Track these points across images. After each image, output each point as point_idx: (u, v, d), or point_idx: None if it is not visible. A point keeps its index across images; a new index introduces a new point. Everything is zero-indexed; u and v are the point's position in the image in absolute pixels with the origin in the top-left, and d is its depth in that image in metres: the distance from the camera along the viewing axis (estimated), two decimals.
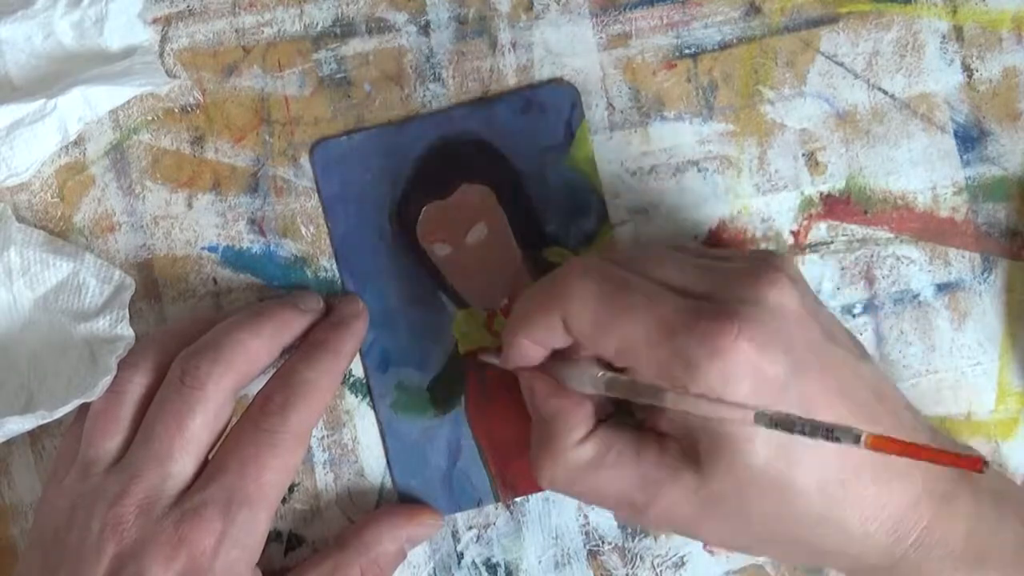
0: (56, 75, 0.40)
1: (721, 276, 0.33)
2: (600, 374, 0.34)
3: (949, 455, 0.27)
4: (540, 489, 0.40)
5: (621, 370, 0.33)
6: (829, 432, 0.29)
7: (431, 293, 0.40)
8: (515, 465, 0.40)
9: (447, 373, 0.40)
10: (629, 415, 0.36)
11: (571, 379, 0.34)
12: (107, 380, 0.37)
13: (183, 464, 0.35)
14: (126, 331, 0.38)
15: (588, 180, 0.40)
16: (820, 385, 0.32)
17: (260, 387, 0.37)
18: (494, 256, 0.40)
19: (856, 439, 0.28)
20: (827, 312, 0.34)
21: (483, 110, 0.40)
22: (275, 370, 0.37)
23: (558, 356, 0.35)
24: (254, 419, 0.35)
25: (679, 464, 0.33)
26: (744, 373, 0.31)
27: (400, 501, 0.40)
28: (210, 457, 0.36)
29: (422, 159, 0.40)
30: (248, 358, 0.36)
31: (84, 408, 0.37)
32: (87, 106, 0.39)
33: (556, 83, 0.40)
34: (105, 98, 0.40)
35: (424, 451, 0.40)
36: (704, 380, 0.31)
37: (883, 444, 0.28)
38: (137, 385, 0.36)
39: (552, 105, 0.40)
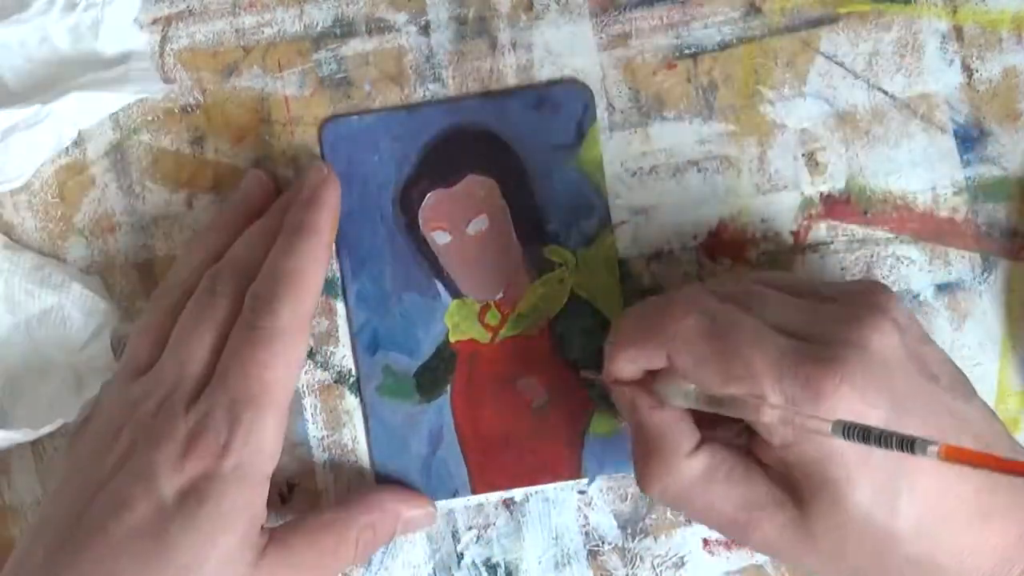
0: (51, 80, 0.40)
1: (825, 318, 0.33)
2: (694, 388, 0.34)
3: (1020, 464, 0.28)
4: (515, 486, 0.40)
5: None
6: (904, 443, 0.29)
7: (427, 280, 0.40)
8: (494, 459, 0.40)
9: (435, 361, 0.40)
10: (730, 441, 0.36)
11: (670, 395, 0.35)
12: (91, 398, 0.38)
13: (206, 364, 0.35)
14: (109, 365, 0.39)
15: (593, 182, 0.40)
16: (920, 430, 0.31)
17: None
18: (493, 249, 0.40)
19: (929, 449, 0.28)
20: (933, 351, 0.34)
21: (496, 103, 0.40)
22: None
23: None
24: (247, 320, 0.35)
25: (783, 496, 0.33)
26: (845, 417, 0.31)
27: (378, 483, 0.40)
28: None
29: (431, 146, 0.40)
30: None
31: None
32: (82, 112, 0.39)
33: (571, 83, 0.40)
34: (100, 104, 0.40)
35: (405, 436, 0.40)
36: (810, 429, 0.31)
37: (956, 454, 0.28)
38: (172, 301, 0.37)
39: (565, 104, 0.40)
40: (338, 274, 0.40)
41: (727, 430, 0.35)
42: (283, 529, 0.36)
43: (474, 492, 0.40)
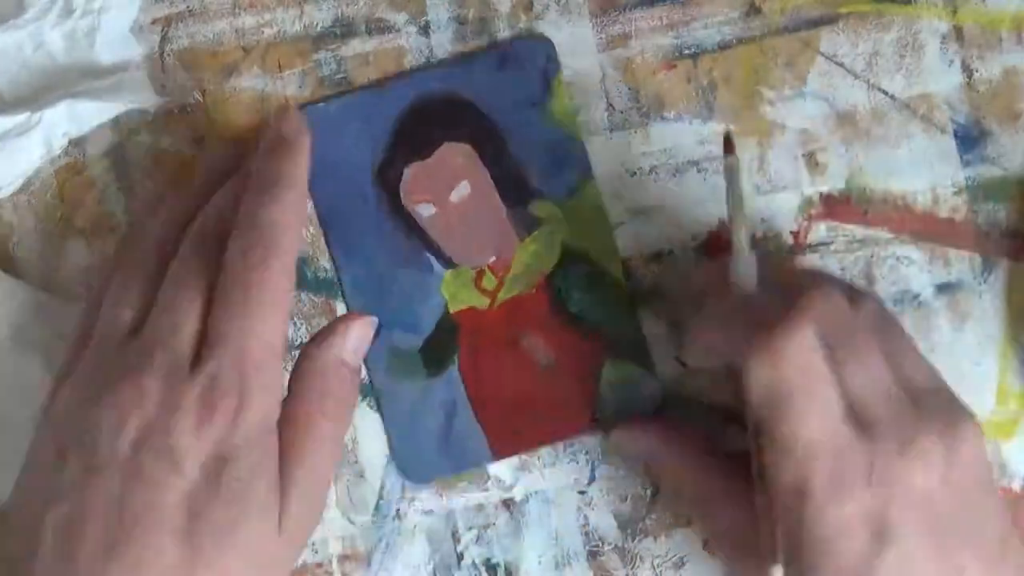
0: (44, 87, 0.39)
1: (893, 417, 0.33)
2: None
3: None
4: (535, 446, 0.40)
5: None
6: None
7: (418, 255, 0.40)
8: (511, 422, 0.40)
9: (438, 334, 0.40)
10: None
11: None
12: None
13: (196, 322, 0.34)
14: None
15: (568, 132, 0.40)
16: (926, 559, 0.32)
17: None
18: (479, 214, 0.40)
19: None
20: (983, 505, 0.34)
21: (460, 68, 0.40)
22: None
23: None
24: (238, 277, 0.34)
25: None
26: (845, 517, 0.32)
27: (398, 470, 0.40)
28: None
29: (401, 120, 0.40)
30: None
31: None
32: (73, 121, 0.39)
33: (530, 37, 0.40)
34: (92, 113, 0.39)
35: (420, 414, 0.40)
36: (809, 508, 0.32)
37: None
38: (146, 264, 0.36)
39: (528, 59, 0.40)
40: (329, 271, 0.40)
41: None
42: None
43: (496, 458, 0.40)
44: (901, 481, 0.32)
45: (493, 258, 0.40)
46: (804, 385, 0.33)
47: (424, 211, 0.40)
